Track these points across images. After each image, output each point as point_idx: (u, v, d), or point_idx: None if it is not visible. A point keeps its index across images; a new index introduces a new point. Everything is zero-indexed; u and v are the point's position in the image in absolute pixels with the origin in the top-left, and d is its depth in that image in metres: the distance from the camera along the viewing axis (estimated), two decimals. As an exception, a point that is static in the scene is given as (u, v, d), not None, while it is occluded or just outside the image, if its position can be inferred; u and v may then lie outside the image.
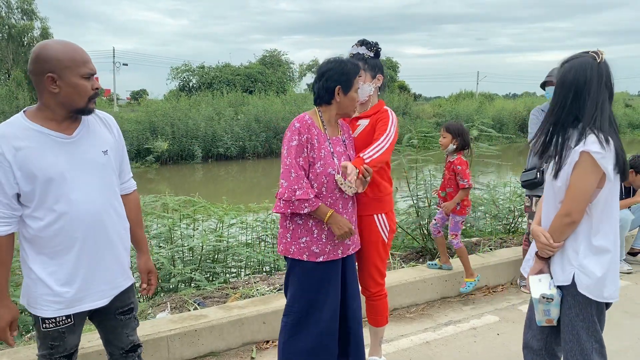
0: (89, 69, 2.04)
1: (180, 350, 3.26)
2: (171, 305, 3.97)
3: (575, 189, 2.14)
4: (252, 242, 5.60)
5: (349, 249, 2.74)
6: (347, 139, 2.82)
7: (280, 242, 2.71)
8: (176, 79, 40.33)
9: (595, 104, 2.15)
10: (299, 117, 2.64)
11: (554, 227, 2.23)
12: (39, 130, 2.00)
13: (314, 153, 2.58)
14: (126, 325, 2.30)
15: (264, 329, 3.55)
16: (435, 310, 4.24)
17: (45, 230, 2.02)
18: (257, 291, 4.14)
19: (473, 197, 6.17)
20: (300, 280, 2.68)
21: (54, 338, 2.11)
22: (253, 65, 41.12)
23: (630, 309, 4.23)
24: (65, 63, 1.98)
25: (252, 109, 27.72)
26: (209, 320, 3.40)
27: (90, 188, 2.08)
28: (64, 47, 2.01)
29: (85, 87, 2.04)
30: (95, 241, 2.11)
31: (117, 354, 2.31)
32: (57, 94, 2.00)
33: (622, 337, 3.73)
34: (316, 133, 2.61)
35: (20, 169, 1.95)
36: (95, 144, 2.14)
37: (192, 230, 5.23)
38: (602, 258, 2.21)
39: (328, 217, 2.55)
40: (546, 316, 2.33)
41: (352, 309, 2.81)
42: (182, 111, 26.33)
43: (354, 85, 2.66)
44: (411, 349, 3.55)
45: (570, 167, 2.14)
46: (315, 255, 2.62)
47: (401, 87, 44.60)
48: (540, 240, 2.27)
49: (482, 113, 31.65)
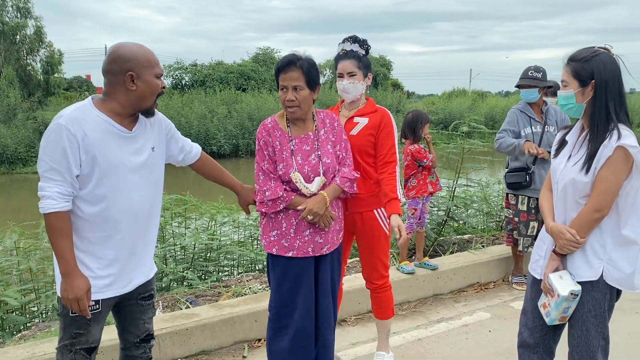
0: (161, 70, 2.25)
1: (171, 349, 3.25)
2: (163, 304, 3.96)
3: (608, 184, 2.14)
4: (244, 241, 5.59)
5: (321, 248, 2.64)
6: (328, 132, 2.70)
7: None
8: (168, 77, 40.12)
9: (623, 99, 2.20)
10: (262, 122, 2.71)
11: (582, 223, 2.21)
12: (106, 120, 2.13)
13: (275, 155, 2.61)
14: (145, 311, 2.40)
15: (256, 328, 3.54)
16: (428, 307, 4.25)
17: (95, 214, 2.13)
18: (249, 289, 4.13)
19: (466, 194, 6.20)
20: (275, 276, 2.69)
21: (79, 326, 2.17)
22: (246, 63, 40.98)
23: (620, 305, 4.17)
24: (143, 63, 2.16)
25: (246, 107, 27.63)
26: (200, 319, 3.39)
27: (139, 181, 2.23)
28: (141, 49, 2.19)
29: (157, 86, 2.22)
30: (136, 231, 2.25)
31: (132, 343, 2.40)
32: (132, 92, 2.15)
33: (613, 333, 3.70)
34: (278, 135, 2.63)
35: (86, 152, 2.07)
36: (147, 141, 2.28)
37: (184, 229, 5.21)
38: (630, 250, 2.23)
39: (306, 204, 2.55)
40: (564, 314, 2.32)
41: (322, 307, 2.73)
42: (174, 109, 26.19)
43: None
44: (403, 346, 3.56)
45: (600, 162, 2.14)
46: (284, 249, 2.62)
47: (394, 84, 44.62)
48: (565, 237, 2.24)
49: (475, 110, 31.75)
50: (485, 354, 3.46)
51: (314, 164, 2.60)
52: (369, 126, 2.96)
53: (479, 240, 5.47)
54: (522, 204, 4.48)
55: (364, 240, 3.05)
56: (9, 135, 21.29)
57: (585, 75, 2.20)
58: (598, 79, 2.18)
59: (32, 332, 3.73)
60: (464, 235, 5.80)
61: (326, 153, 2.64)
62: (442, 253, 5.21)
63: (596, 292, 2.24)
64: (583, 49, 2.27)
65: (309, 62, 2.55)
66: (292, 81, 2.52)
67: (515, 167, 4.46)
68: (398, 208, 2.85)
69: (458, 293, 4.52)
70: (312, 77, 2.55)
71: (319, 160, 2.61)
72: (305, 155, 2.61)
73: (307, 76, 2.53)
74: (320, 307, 2.74)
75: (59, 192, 2.05)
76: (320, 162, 2.61)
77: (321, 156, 2.62)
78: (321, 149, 2.64)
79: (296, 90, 2.53)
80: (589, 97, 2.22)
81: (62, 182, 2.05)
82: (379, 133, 2.96)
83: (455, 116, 28.41)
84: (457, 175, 5.42)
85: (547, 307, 2.35)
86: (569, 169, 2.27)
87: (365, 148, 2.96)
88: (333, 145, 2.69)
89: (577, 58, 2.23)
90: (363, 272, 3.15)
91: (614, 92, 2.18)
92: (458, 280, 4.57)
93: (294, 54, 2.57)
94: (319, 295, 2.74)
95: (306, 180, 2.59)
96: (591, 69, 2.19)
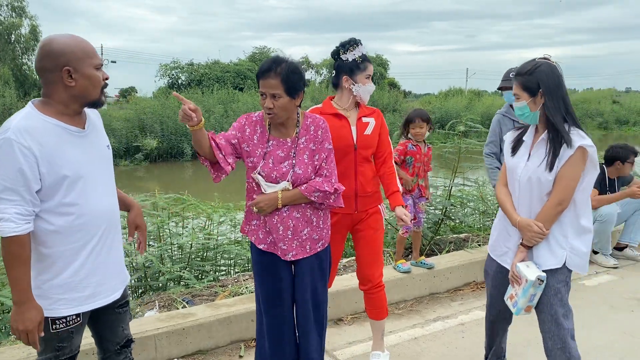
0: (100, 60, 2.05)
1: (168, 349, 3.25)
2: (159, 304, 3.95)
3: (569, 180, 2.42)
4: (241, 240, 5.59)
5: (285, 254, 2.56)
6: (309, 140, 2.57)
7: None
8: (165, 76, 40.02)
9: (568, 99, 2.49)
10: (249, 113, 2.67)
11: (547, 216, 2.47)
12: (57, 124, 1.98)
13: (248, 147, 2.56)
14: (122, 319, 2.31)
15: (252, 327, 3.53)
16: (424, 306, 4.25)
17: (67, 225, 2.00)
18: (246, 289, 4.13)
19: (462, 193, 6.21)
20: (254, 267, 2.68)
21: (62, 339, 2.08)
22: (243, 62, 40.93)
23: (616, 303, 4.28)
24: (79, 55, 1.98)
25: (242, 106, 27.59)
26: (196, 319, 3.39)
27: (104, 183, 2.13)
28: (74, 40, 2.01)
29: (99, 78, 2.05)
30: (110, 236, 2.15)
31: (112, 350, 2.31)
32: (72, 88, 1.98)
33: (607, 331, 3.77)
34: (259, 131, 2.59)
35: (45, 164, 1.91)
36: (101, 138, 2.18)
37: (181, 229, 5.20)
38: (586, 237, 2.53)
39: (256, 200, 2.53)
40: (530, 302, 2.56)
41: (299, 314, 2.67)
42: (171, 109, 26.13)
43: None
44: (400, 345, 3.56)
45: (562, 161, 2.41)
46: (259, 240, 2.61)
47: (391, 84, 44.62)
48: (533, 230, 2.48)
49: (472, 110, 31.80)
50: (481, 353, 3.46)
51: (284, 171, 2.52)
52: (377, 125, 3.10)
53: (475, 239, 5.48)
54: None
55: (367, 233, 3.10)
56: (4, 135, 21.21)
57: (533, 86, 2.46)
58: (544, 87, 2.45)
59: (28, 332, 3.72)
60: (460, 234, 5.81)
61: (300, 163, 2.54)
62: (438, 252, 5.21)
63: (560, 277, 2.52)
64: (526, 63, 2.54)
65: (289, 68, 2.43)
66: (270, 89, 2.42)
67: None
68: (401, 200, 3.11)
69: (454, 292, 4.53)
70: (291, 84, 2.43)
71: (291, 169, 2.52)
72: (277, 161, 2.54)
73: (285, 84, 2.41)
74: (297, 314, 2.68)
75: (18, 214, 1.87)
76: (292, 170, 2.52)
77: (294, 165, 2.53)
78: (296, 157, 2.55)
79: (274, 97, 2.43)
80: (540, 104, 2.48)
81: (21, 202, 1.88)
82: (380, 132, 3.13)
83: (451, 115, 28.46)
84: (454, 174, 5.42)
85: (514, 297, 2.60)
86: (532, 168, 2.51)
87: (375, 147, 3.11)
88: (312, 154, 2.57)
89: (522, 72, 2.51)
90: (360, 271, 3.15)
91: (559, 96, 2.45)
92: (454, 279, 4.58)
93: (275, 59, 2.47)
94: (296, 301, 2.67)
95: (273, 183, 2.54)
96: (536, 80, 2.45)
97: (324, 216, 2.69)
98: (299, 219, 2.56)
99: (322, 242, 2.67)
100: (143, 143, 23.82)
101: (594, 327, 3.82)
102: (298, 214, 2.56)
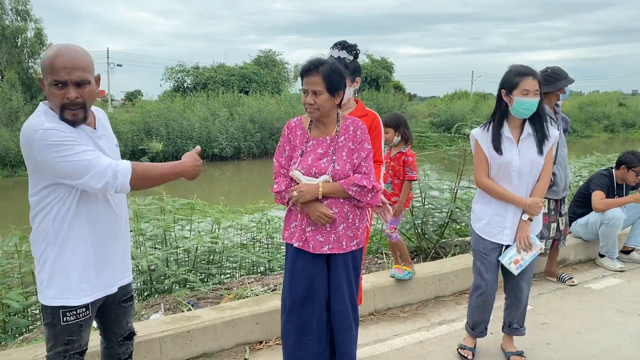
0: (59, 76, 2.00)
1: (172, 352, 3.25)
2: (165, 307, 3.96)
3: (551, 160, 3.11)
4: (247, 243, 5.59)
5: (321, 246, 2.66)
6: (348, 139, 2.70)
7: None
8: (170, 80, 40.18)
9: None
10: (289, 120, 2.85)
11: (542, 192, 3.12)
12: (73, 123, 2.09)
13: (292, 152, 2.74)
14: (127, 312, 2.45)
15: (257, 330, 3.54)
16: (429, 309, 4.24)
17: (82, 214, 2.13)
18: (251, 292, 4.14)
19: (468, 196, 6.19)
20: (287, 266, 2.81)
21: (71, 332, 2.16)
22: (248, 65, 41.01)
23: (622, 307, 4.25)
24: (45, 68, 2.02)
25: (247, 109, 27.66)
26: (201, 322, 3.39)
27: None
28: (53, 52, 2.03)
29: (55, 96, 2.02)
30: (118, 229, 2.28)
31: (115, 342, 2.44)
32: (49, 96, 2.06)
33: (614, 335, 3.75)
34: (299, 134, 2.76)
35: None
36: (110, 138, 2.28)
37: (187, 232, 5.22)
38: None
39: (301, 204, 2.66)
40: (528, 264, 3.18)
41: (335, 311, 2.76)
42: (176, 112, 26.25)
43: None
44: (405, 349, 3.55)
45: (548, 146, 3.06)
46: (295, 239, 2.73)
47: (396, 87, 44.58)
48: (540, 206, 3.07)
49: (477, 112, 31.71)
50: (487, 357, 3.45)
51: (323, 167, 2.64)
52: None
53: (480, 242, 5.45)
54: (544, 207, 4.48)
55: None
56: (11, 138, 21.34)
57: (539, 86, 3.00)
58: (541, 87, 3.01)
59: (34, 335, 3.75)
60: (466, 237, 5.80)
61: (339, 160, 2.66)
62: (444, 255, 5.20)
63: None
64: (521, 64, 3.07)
65: (331, 68, 2.60)
66: (312, 85, 2.59)
67: None
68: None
69: (460, 295, 4.51)
70: (332, 82, 2.59)
71: (330, 165, 2.65)
72: (316, 157, 2.67)
73: (327, 81, 2.58)
74: (333, 311, 2.77)
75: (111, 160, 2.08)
76: (331, 166, 2.65)
77: (334, 161, 2.66)
78: (335, 154, 2.67)
79: (315, 94, 2.59)
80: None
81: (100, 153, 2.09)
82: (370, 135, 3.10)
83: (457, 118, 28.44)
84: (459, 177, 5.42)
85: (519, 262, 3.11)
86: (527, 156, 3.03)
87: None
88: (350, 152, 2.69)
89: (538, 73, 3.04)
90: None
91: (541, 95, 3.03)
92: (460, 282, 4.57)
93: (318, 59, 2.64)
94: (332, 299, 2.76)
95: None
96: (540, 79, 3.02)
97: (361, 215, 2.78)
98: (337, 214, 2.67)
99: (356, 240, 2.76)
100: (149, 146, 23.91)
101: (600, 331, 3.80)
102: (336, 208, 2.67)
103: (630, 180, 5.22)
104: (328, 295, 2.76)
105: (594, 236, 5.28)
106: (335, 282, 2.74)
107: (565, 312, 4.17)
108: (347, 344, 2.79)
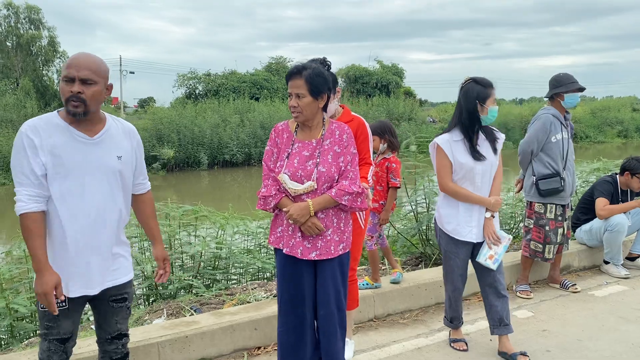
0: (69, 72, 2.22)
1: (171, 357, 3.29)
2: (168, 312, 4.00)
3: (501, 159, 3.45)
4: (252, 249, 5.63)
5: (309, 253, 2.70)
6: (334, 143, 2.76)
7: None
8: (182, 87, 40.46)
9: None
10: (276, 124, 2.90)
11: (499, 190, 3.42)
12: (65, 127, 2.27)
13: (279, 154, 2.79)
14: (116, 312, 2.50)
15: (256, 335, 3.57)
16: (430, 316, 4.24)
17: (57, 216, 2.26)
18: (254, 298, 4.16)
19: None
20: (277, 270, 2.86)
21: (49, 319, 2.32)
22: (259, 72, 41.20)
23: (625, 314, 4.22)
24: (62, 69, 2.28)
25: (258, 115, 27.82)
26: (200, 327, 3.42)
27: (100, 191, 2.33)
28: (72, 56, 2.31)
29: (63, 90, 2.25)
30: (96, 236, 2.33)
31: (104, 339, 2.53)
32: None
33: (616, 342, 3.71)
34: (285, 137, 2.81)
35: (46, 154, 2.21)
36: (112, 149, 2.38)
37: (193, 237, 5.26)
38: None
39: (287, 209, 2.69)
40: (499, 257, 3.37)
41: (320, 315, 2.81)
42: (188, 118, 26.47)
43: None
44: (402, 355, 3.56)
45: (499, 148, 3.41)
46: (283, 244, 2.77)
47: (407, 92, 44.50)
48: (500, 203, 3.38)
49: (488, 118, 31.50)
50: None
51: (309, 170, 2.69)
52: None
53: (484, 248, 5.43)
54: (550, 212, 4.50)
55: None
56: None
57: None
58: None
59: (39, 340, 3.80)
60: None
61: (324, 162, 2.71)
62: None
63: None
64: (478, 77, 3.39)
65: (314, 72, 2.67)
66: (296, 89, 2.67)
67: (546, 173, 4.46)
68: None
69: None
70: (315, 85, 2.66)
71: (315, 168, 2.69)
72: (302, 160, 2.72)
73: (309, 84, 2.65)
74: (319, 315, 2.81)
75: (27, 194, 2.20)
76: (316, 169, 2.69)
77: (318, 164, 2.70)
78: (320, 157, 2.72)
79: (299, 97, 2.66)
80: None
81: (29, 185, 2.20)
82: (356, 140, 3.10)
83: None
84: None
85: (493, 256, 3.32)
86: (487, 160, 3.31)
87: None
88: (336, 156, 2.74)
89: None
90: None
91: None
92: (461, 289, 4.55)
93: (303, 64, 2.72)
94: (318, 303, 2.80)
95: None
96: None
97: (346, 219, 2.82)
98: (323, 220, 2.72)
99: (343, 244, 2.80)
100: (160, 152, 24.13)
101: (601, 338, 3.78)
102: (322, 214, 2.72)
103: (635, 187, 5.18)
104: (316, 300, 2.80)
105: (598, 242, 5.24)
106: (321, 287, 2.78)
107: (567, 319, 4.15)
108: (332, 348, 2.83)
